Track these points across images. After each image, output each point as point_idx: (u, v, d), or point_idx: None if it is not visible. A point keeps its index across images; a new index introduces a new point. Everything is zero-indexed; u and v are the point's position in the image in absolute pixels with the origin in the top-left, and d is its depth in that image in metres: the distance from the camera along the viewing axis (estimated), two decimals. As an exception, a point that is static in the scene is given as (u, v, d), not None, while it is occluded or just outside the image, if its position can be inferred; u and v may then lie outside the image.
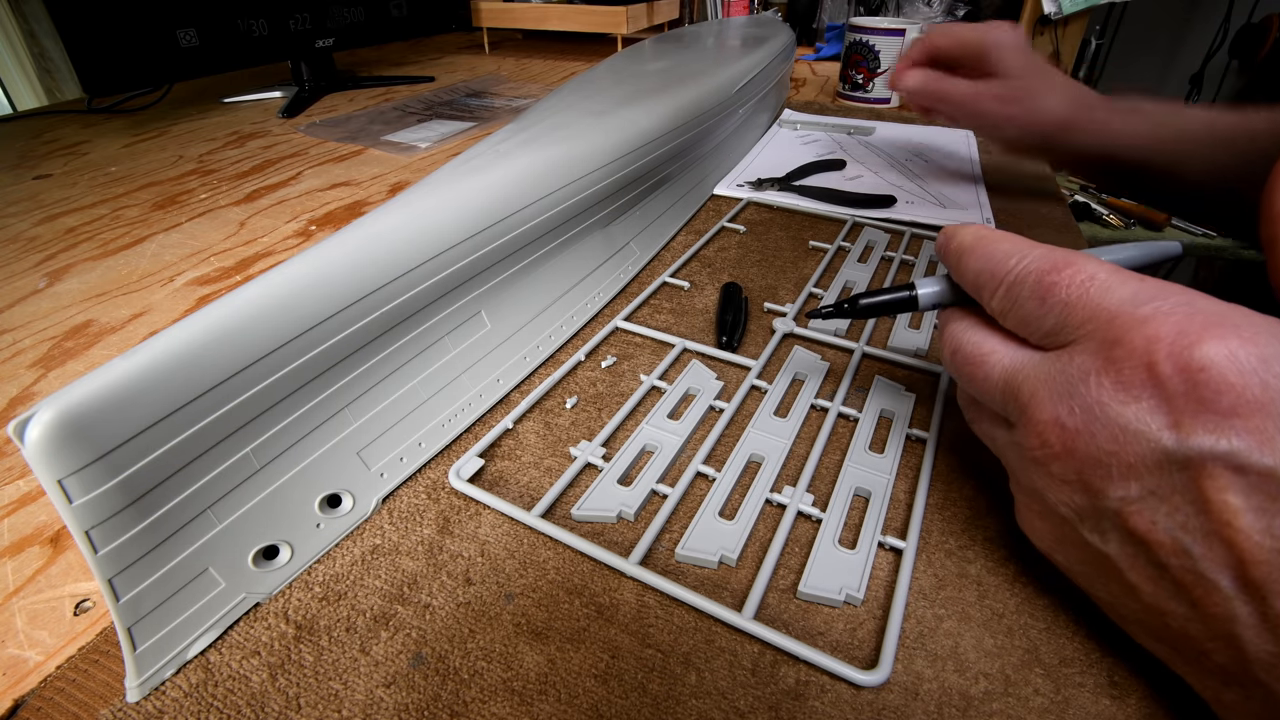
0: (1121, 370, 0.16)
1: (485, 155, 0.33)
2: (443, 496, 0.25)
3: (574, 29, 1.06)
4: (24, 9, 1.27)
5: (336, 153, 0.63)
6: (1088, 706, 0.18)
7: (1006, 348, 0.20)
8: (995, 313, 0.20)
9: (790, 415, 0.29)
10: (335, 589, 0.22)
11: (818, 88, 0.90)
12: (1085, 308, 0.17)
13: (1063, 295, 0.18)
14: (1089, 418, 0.17)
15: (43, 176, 0.58)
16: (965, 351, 0.21)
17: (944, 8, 0.99)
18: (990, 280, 0.20)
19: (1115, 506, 0.16)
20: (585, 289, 0.36)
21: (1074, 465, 0.17)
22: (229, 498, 0.21)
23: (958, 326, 0.22)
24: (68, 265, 0.43)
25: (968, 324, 0.22)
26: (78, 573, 0.23)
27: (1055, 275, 0.18)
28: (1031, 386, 0.18)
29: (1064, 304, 0.18)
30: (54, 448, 0.16)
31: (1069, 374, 0.17)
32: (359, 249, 0.25)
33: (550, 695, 0.19)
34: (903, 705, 0.19)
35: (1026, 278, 0.19)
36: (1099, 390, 0.16)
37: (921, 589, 0.22)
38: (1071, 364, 0.17)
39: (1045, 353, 0.19)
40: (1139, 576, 0.17)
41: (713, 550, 0.23)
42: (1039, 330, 0.19)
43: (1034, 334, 0.19)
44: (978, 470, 0.26)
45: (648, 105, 0.42)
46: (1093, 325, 0.17)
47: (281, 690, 0.19)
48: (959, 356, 0.21)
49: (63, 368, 0.33)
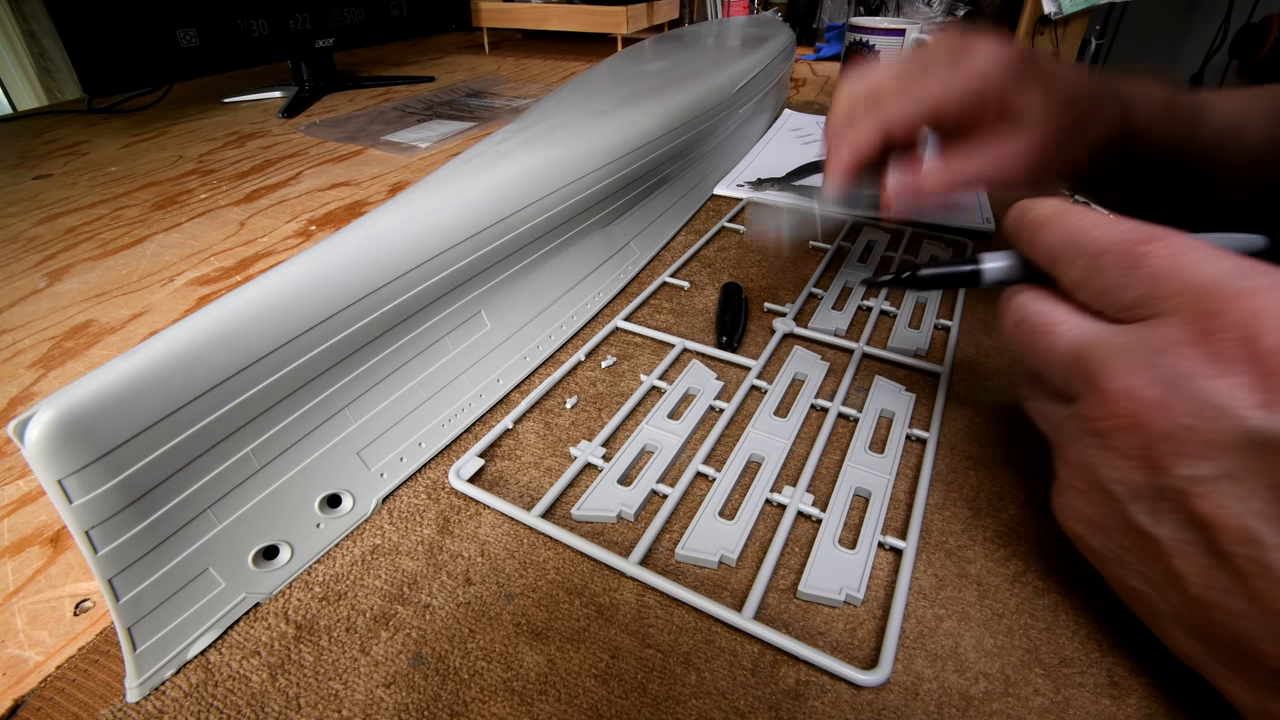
0: (1214, 343, 0.15)
1: (485, 155, 0.33)
2: (443, 496, 0.25)
3: (574, 29, 1.06)
4: (24, 9, 1.27)
5: (336, 153, 0.63)
6: (1088, 706, 0.18)
7: (1076, 318, 0.19)
8: (1072, 284, 0.19)
9: (790, 415, 0.29)
10: (335, 589, 0.22)
11: (818, 88, 0.90)
12: (1178, 279, 0.16)
13: (1153, 266, 0.17)
14: (1168, 389, 0.16)
15: (43, 176, 0.58)
16: (1032, 321, 0.20)
17: (944, 8, 0.99)
18: (1069, 251, 0.19)
19: (1180, 485, 0.15)
20: (585, 289, 0.36)
21: (1141, 438, 0.16)
22: (229, 498, 0.21)
23: (1024, 297, 0.21)
24: (68, 265, 0.43)
25: (1034, 294, 0.21)
26: (78, 573, 0.23)
27: (1146, 246, 0.17)
28: (1103, 356, 0.17)
29: (1153, 275, 0.17)
30: (54, 448, 0.16)
31: (1151, 344, 0.16)
32: (359, 249, 0.25)
33: (550, 695, 0.19)
34: (903, 705, 0.19)
35: (1113, 247, 0.18)
36: (1186, 361, 0.15)
37: (921, 589, 0.22)
38: (1155, 334, 0.16)
39: (1124, 325, 0.18)
40: (1190, 565, 0.16)
41: (713, 550, 0.23)
42: (1119, 302, 0.18)
43: (1112, 306, 0.18)
44: (978, 470, 0.26)
45: (648, 105, 0.42)
46: (1185, 298, 0.16)
47: (281, 690, 0.19)
48: (1023, 326, 0.20)
49: (63, 368, 0.33)
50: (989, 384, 0.31)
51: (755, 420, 0.28)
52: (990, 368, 0.32)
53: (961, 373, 0.32)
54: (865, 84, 0.31)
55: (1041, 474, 0.26)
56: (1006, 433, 0.28)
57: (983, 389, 0.31)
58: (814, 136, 0.66)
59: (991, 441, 0.28)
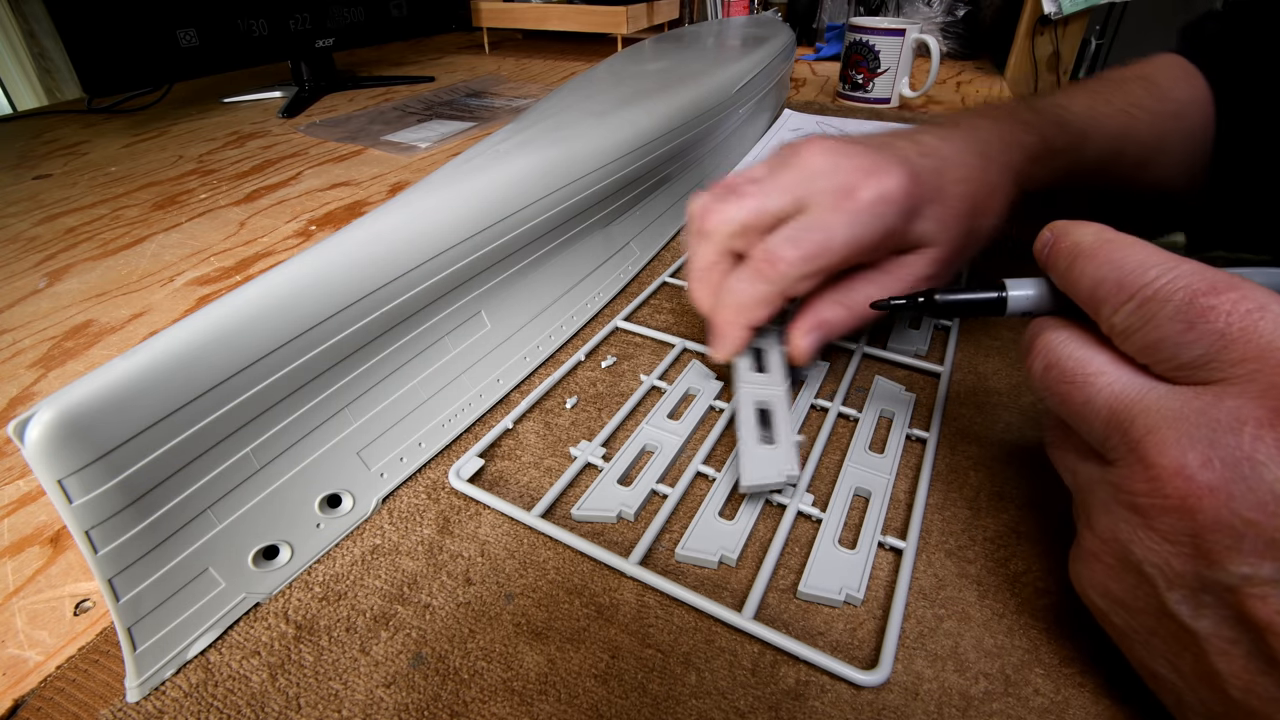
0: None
1: (485, 155, 0.33)
2: (443, 496, 0.25)
3: (574, 29, 1.06)
4: (24, 9, 1.27)
5: (336, 153, 0.63)
6: (1088, 707, 0.18)
7: (1120, 370, 0.17)
8: (1116, 330, 0.17)
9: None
10: (335, 589, 0.22)
11: (818, 88, 0.90)
12: (1251, 344, 0.14)
13: (1221, 324, 0.15)
14: (1232, 474, 0.14)
15: (43, 176, 0.58)
16: (1065, 367, 0.18)
17: (944, 8, 0.99)
18: (1117, 292, 0.17)
19: (1233, 583, 0.14)
20: (585, 289, 0.36)
21: (1191, 525, 0.14)
22: (229, 498, 0.21)
23: (1056, 337, 0.19)
24: (68, 265, 0.43)
25: (1068, 335, 0.18)
26: (78, 573, 0.23)
27: (1214, 298, 0.15)
28: (1150, 421, 0.15)
29: (1220, 334, 0.15)
30: (54, 448, 0.16)
31: (1213, 418, 0.14)
32: (359, 249, 0.25)
33: (550, 695, 0.19)
34: (903, 705, 0.19)
35: (1172, 296, 0.16)
36: (1256, 444, 0.14)
37: (921, 589, 0.22)
38: (1219, 406, 0.14)
39: (1176, 386, 0.16)
40: (1232, 666, 0.14)
41: (713, 550, 0.23)
42: (1175, 360, 0.16)
43: (1164, 362, 0.16)
44: (978, 470, 0.26)
45: (648, 105, 0.42)
46: (1258, 365, 0.14)
47: (281, 690, 0.19)
48: (1054, 372, 0.18)
49: (63, 368, 0.33)
50: (989, 384, 0.31)
51: (755, 420, 0.28)
52: (990, 368, 0.32)
53: (961, 373, 0.32)
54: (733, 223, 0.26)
55: (1042, 475, 0.26)
56: (1006, 433, 0.28)
57: (983, 389, 0.31)
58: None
59: (991, 441, 0.28)
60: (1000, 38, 1.00)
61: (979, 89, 0.90)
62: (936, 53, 0.73)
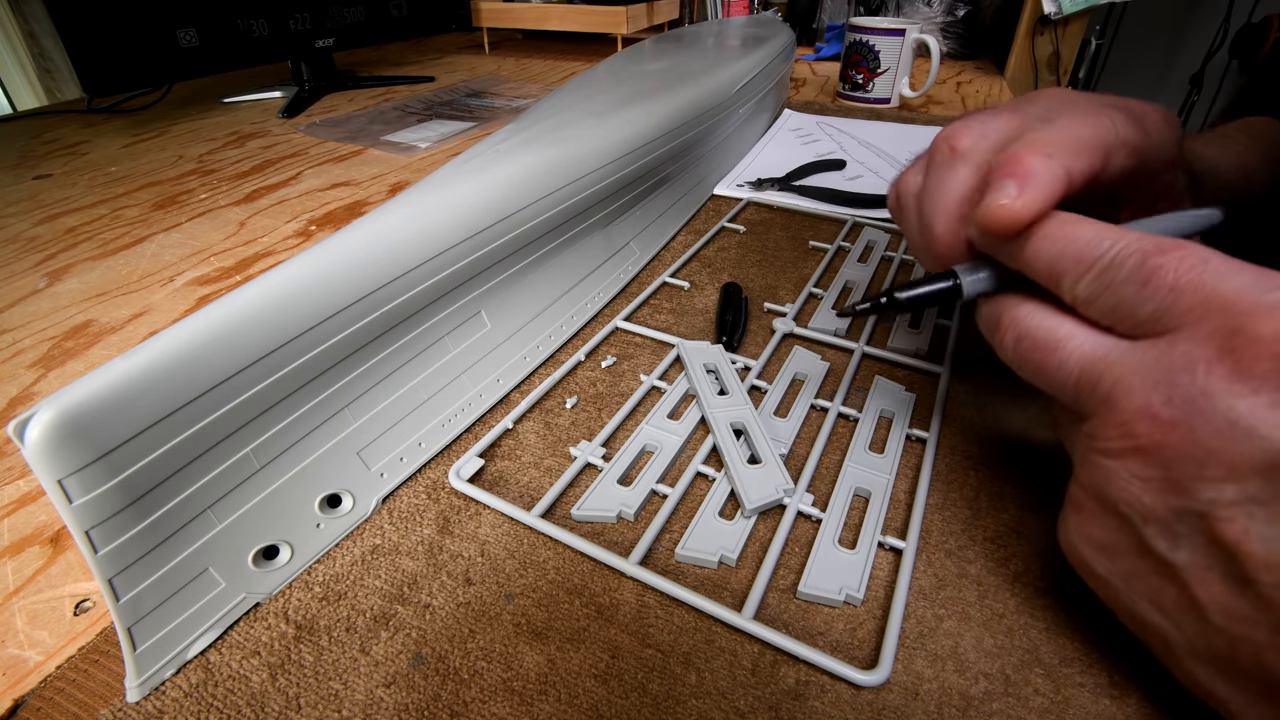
0: (1241, 359, 0.14)
1: (485, 155, 0.33)
2: (443, 496, 0.25)
3: (574, 29, 1.06)
4: (24, 9, 1.27)
5: (336, 153, 0.63)
6: (1088, 707, 0.18)
7: (1086, 333, 0.18)
8: (1079, 299, 0.18)
9: (790, 415, 0.29)
10: (335, 589, 0.22)
11: (818, 88, 0.90)
12: (1197, 292, 0.16)
13: (1169, 279, 0.16)
14: (1190, 409, 0.15)
15: (43, 176, 0.58)
16: (1037, 336, 0.19)
17: (944, 8, 0.99)
18: (1076, 265, 0.18)
19: (1203, 509, 0.15)
20: (585, 289, 0.36)
21: (1160, 460, 0.16)
22: (229, 498, 0.21)
23: (1023, 310, 0.20)
24: (68, 265, 0.43)
25: (1034, 307, 0.20)
26: (78, 573, 0.23)
27: (1161, 258, 0.16)
28: (1117, 374, 0.17)
29: (1171, 288, 0.16)
30: (54, 448, 0.16)
31: (1169, 361, 0.16)
32: (359, 249, 0.25)
33: (550, 695, 0.19)
34: (903, 705, 0.19)
35: (1125, 260, 0.17)
36: (1209, 379, 0.15)
37: (921, 589, 0.22)
38: (1174, 351, 0.16)
39: (1137, 341, 0.17)
40: (1211, 592, 0.15)
41: (713, 550, 0.23)
42: (1134, 317, 0.17)
43: (1125, 320, 0.17)
44: (978, 470, 0.26)
45: (648, 105, 0.42)
46: (1204, 311, 0.15)
47: (281, 690, 0.19)
48: (1026, 343, 0.19)
49: (63, 368, 0.33)
50: (989, 384, 0.31)
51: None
52: (990, 368, 0.32)
53: (961, 373, 0.32)
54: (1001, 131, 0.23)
55: (1042, 475, 0.26)
56: (1006, 433, 0.28)
57: (983, 389, 0.31)
58: (814, 136, 0.66)
59: (991, 441, 0.28)
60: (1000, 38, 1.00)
61: (979, 89, 0.90)
62: (936, 53, 0.73)
